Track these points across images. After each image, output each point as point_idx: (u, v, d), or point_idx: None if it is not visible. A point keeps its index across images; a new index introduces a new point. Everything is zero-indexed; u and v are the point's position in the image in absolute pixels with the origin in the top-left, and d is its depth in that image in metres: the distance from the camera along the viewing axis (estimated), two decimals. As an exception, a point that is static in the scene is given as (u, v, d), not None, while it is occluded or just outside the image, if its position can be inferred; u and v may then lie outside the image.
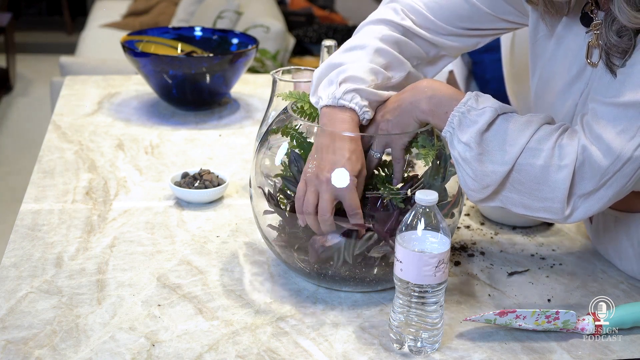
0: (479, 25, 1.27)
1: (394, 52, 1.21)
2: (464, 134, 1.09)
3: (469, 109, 1.09)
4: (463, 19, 1.26)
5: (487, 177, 1.09)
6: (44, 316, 1.10)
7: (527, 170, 1.08)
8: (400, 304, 1.04)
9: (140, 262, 1.25)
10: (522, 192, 1.10)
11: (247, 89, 2.17)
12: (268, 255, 1.29)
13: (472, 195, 1.13)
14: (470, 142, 1.08)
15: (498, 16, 1.25)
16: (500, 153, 1.08)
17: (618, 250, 1.29)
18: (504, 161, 1.08)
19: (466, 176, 1.11)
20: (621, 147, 1.04)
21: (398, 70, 1.22)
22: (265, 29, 3.47)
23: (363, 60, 1.18)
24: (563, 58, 1.19)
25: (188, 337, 1.07)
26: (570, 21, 1.17)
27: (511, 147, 1.08)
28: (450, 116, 1.10)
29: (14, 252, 1.26)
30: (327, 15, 5.02)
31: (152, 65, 1.89)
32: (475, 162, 1.09)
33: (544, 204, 1.09)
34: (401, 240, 1.03)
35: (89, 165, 1.60)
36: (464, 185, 1.13)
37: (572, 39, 1.17)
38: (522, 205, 1.11)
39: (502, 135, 1.08)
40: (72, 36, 6.14)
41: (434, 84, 1.14)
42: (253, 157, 1.25)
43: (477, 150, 1.08)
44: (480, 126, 1.08)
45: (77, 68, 3.21)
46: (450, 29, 1.26)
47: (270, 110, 1.40)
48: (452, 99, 1.11)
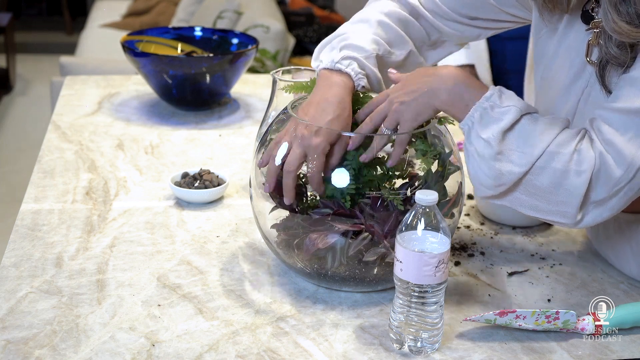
0: (482, 15, 1.28)
1: (397, 29, 1.24)
2: (484, 130, 1.07)
3: (492, 105, 1.08)
4: (467, 7, 1.27)
5: (502, 177, 1.08)
6: (44, 316, 1.10)
7: (546, 173, 1.06)
8: (400, 304, 1.04)
9: (140, 262, 1.25)
10: (534, 194, 1.09)
11: (247, 89, 2.17)
12: (268, 255, 1.29)
13: (482, 190, 1.12)
14: (490, 140, 1.07)
15: (501, 8, 1.26)
16: (520, 154, 1.07)
17: (616, 251, 1.29)
18: (522, 162, 1.07)
19: (480, 172, 1.10)
20: (632, 155, 1.03)
21: (400, 47, 1.25)
22: (265, 29, 3.47)
23: (366, 32, 1.21)
24: (565, 56, 1.19)
25: (188, 337, 1.07)
26: (572, 19, 1.17)
27: (532, 148, 1.06)
28: (472, 110, 1.08)
29: (14, 252, 1.26)
30: (327, 15, 5.02)
31: (152, 65, 1.89)
32: (493, 160, 1.08)
33: (557, 208, 1.09)
34: (401, 240, 1.02)
35: (89, 165, 1.60)
36: (475, 179, 1.11)
37: (573, 37, 1.17)
38: (531, 207, 1.10)
39: (524, 136, 1.07)
40: (72, 36, 6.15)
41: (456, 73, 1.12)
42: (253, 157, 1.25)
43: (497, 148, 1.07)
44: (503, 125, 1.07)
45: (77, 68, 3.21)
46: (453, 16, 1.28)
47: (270, 110, 1.40)
48: (475, 92, 1.10)
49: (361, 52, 1.19)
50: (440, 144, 1.16)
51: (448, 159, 1.16)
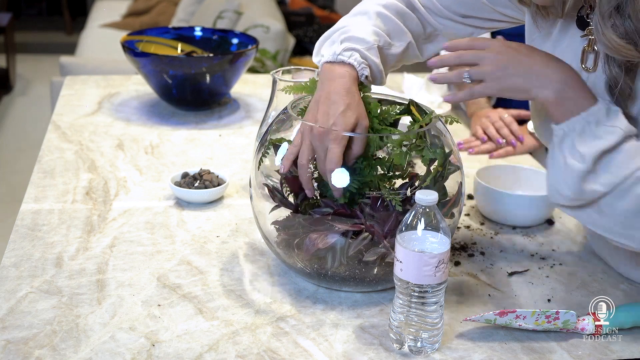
0: (476, 14, 1.28)
1: (396, 20, 1.25)
2: (582, 145, 1.03)
3: (597, 120, 1.03)
4: (461, 5, 1.27)
5: (584, 194, 1.04)
6: (44, 316, 1.10)
7: (628, 197, 1.02)
8: (400, 304, 1.04)
9: (140, 262, 1.25)
10: (610, 215, 1.05)
11: (247, 89, 2.17)
12: (268, 255, 1.29)
13: (556, 198, 1.08)
14: (586, 156, 1.02)
15: (495, 8, 1.27)
16: (608, 175, 1.02)
17: (614, 254, 1.29)
18: (607, 183, 1.03)
19: (562, 182, 1.06)
20: None
21: (399, 39, 1.26)
22: (265, 29, 3.47)
23: (366, 24, 1.22)
24: None
25: (188, 337, 1.07)
26: (566, 24, 1.16)
27: (620, 170, 1.02)
28: (574, 118, 1.04)
29: (14, 252, 1.26)
30: (327, 15, 5.02)
31: (152, 65, 1.89)
32: (581, 176, 1.03)
33: (631, 232, 1.05)
34: (401, 240, 1.02)
35: (89, 165, 1.60)
36: (553, 186, 1.08)
37: (567, 43, 1.16)
38: (602, 226, 1.07)
39: (619, 158, 1.02)
40: (72, 36, 6.15)
41: (568, 73, 1.06)
42: (253, 157, 1.25)
43: (591, 167, 1.03)
44: (604, 145, 1.02)
45: (77, 68, 3.21)
46: (447, 14, 1.28)
47: (270, 110, 1.40)
48: (582, 100, 1.04)
49: (362, 44, 1.19)
50: (440, 143, 1.16)
51: (448, 158, 1.16)
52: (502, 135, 1.82)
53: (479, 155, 1.80)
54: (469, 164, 1.67)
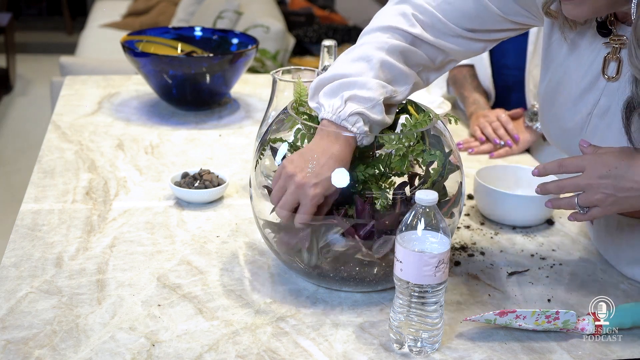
0: (487, 27, 1.23)
1: (399, 66, 1.19)
2: None
3: None
4: (472, 19, 1.22)
5: None
6: (44, 316, 1.10)
7: None
8: (400, 304, 1.04)
9: (140, 262, 1.25)
10: None
11: (247, 89, 2.17)
12: (268, 255, 1.29)
13: None
14: None
15: (507, 17, 1.22)
16: None
17: (618, 253, 1.29)
18: None
19: None
20: None
21: (402, 84, 1.20)
22: (265, 29, 3.47)
23: (368, 75, 1.16)
24: (575, 67, 1.18)
25: (188, 337, 1.07)
26: (584, 29, 1.15)
27: None
28: None
29: (14, 252, 1.26)
30: (327, 15, 5.03)
31: (152, 65, 1.90)
32: None
33: None
34: (401, 240, 1.02)
35: (89, 165, 1.60)
36: None
37: (585, 47, 1.15)
38: None
39: None
40: (72, 36, 6.15)
41: None
42: (253, 157, 1.25)
43: None
44: None
45: (77, 68, 3.21)
46: (458, 31, 1.22)
47: (270, 110, 1.40)
48: None
49: (367, 102, 1.14)
50: (439, 144, 1.16)
51: (448, 158, 1.16)
52: (499, 136, 1.82)
53: (479, 155, 1.80)
54: (469, 164, 1.67)
